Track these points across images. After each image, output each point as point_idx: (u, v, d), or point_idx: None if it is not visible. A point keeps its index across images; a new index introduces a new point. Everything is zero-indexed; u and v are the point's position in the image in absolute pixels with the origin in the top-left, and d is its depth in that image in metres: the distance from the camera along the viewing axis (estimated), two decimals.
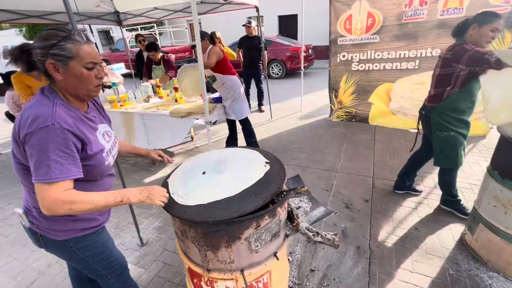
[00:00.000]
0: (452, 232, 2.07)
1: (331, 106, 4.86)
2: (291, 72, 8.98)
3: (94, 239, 1.14)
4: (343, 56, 4.39)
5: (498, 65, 1.59)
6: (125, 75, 5.41)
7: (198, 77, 2.68)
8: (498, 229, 1.65)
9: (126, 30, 11.64)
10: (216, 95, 3.51)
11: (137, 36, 4.72)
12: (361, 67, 4.33)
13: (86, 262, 1.16)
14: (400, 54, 3.99)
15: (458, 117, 1.96)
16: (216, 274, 1.13)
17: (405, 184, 2.52)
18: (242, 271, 1.12)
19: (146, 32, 11.57)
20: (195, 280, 1.26)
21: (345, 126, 4.45)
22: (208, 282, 1.20)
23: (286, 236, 1.28)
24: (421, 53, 3.83)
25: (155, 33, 11.78)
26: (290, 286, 1.72)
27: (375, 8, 3.94)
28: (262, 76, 5.19)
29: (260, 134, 4.33)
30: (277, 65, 8.87)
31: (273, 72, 9.04)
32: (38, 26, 14.81)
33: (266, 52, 5.11)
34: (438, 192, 2.38)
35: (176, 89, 3.49)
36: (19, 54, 0.96)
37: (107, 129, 1.14)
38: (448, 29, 3.52)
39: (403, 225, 2.17)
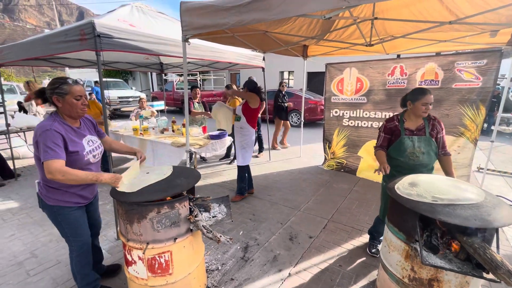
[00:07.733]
0: (371, 274, 2.26)
1: (325, 156, 5.27)
2: (309, 122, 9.62)
3: (70, 212, 1.77)
4: (336, 112, 4.94)
5: None
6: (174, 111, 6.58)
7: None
8: (386, 267, 1.89)
9: (177, 75, 13.89)
10: (215, 132, 4.26)
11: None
12: (351, 123, 4.79)
13: (60, 226, 1.79)
14: (385, 114, 4.40)
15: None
16: (131, 243, 1.67)
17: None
18: (147, 243, 1.64)
19: (192, 78, 13.64)
20: (125, 251, 1.80)
21: (332, 174, 4.77)
22: (128, 251, 1.73)
23: (190, 230, 1.78)
24: None
25: (199, 79, 13.80)
26: (208, 286, 2.11)
27: (363, 75, 4.54)
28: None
29: (253, 172, 4.87)
30: (296, 115, 9.65)
31: (292, 121, 9.79)
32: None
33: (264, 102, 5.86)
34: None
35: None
36: (38, 93, 1.71)
37: (92, 138, 1.84)
38: None
39: (331, 261, 2.42)
